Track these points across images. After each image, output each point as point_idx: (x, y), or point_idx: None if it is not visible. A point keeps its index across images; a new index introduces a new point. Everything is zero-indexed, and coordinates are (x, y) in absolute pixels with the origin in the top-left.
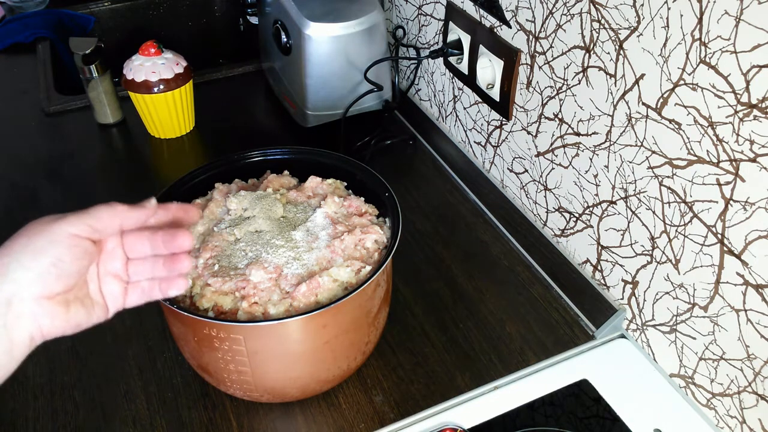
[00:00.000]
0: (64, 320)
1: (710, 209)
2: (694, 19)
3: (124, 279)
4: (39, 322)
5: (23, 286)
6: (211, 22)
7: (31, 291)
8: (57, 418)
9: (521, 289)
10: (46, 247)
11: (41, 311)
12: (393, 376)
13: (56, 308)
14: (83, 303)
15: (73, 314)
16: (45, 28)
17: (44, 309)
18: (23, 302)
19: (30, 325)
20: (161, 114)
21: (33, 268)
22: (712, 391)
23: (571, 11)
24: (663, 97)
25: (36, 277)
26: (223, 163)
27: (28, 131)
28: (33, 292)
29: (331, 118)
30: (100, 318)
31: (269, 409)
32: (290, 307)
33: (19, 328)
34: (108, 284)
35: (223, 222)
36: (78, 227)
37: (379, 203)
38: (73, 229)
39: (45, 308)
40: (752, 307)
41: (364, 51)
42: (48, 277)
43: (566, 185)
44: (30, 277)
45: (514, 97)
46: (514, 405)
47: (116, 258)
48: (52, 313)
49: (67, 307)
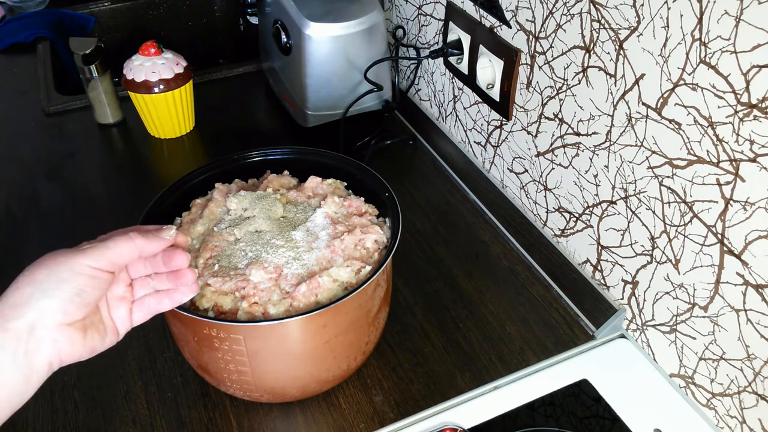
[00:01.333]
0: (82, 345)
1: (710, 209)
2: (694, 19)
3: (129, 299)
4: (59, 348)
5: (47, 313)
6: (211, 22)
7: (54, 318)
8: (57, 418)
9: (521, 289)
10: (70, 278)
11: (62, 337)
12: (393, 376)
13: (75, 334)
14: (98, 329)
15: (89, 339)
16: (45, 28)
17: (64, 335)
18: (46, 329)
19: (50, 351)
20: (161, 114)
21: (57, 297)
22: (712, 391)
23: (571, 11)
24: (663, 97)
25: (59, 305)
26: (223, 163)
27: (28, 131)
28: (56, 320)
29: (331, 118)
30: (112, 341)
31: (269, 409)
32: (290, 307)
33: (40, 354)
34: (116, 308)
35: (223, 222)
36: (100, 262)
37: (379, 203)
38: (95, 264)
39: (65, 334)
40: (752, 307)
41: (364, 51)
42: (70, 306)
43: (566, 185)
44: (54, 305)
45: (514, 97)
46: (514, 405)
47: (121, 281)
48: (71, 339)
49: (84, 333)
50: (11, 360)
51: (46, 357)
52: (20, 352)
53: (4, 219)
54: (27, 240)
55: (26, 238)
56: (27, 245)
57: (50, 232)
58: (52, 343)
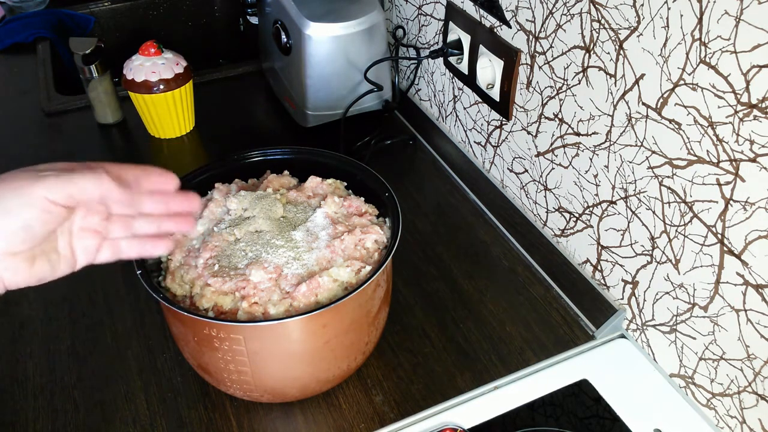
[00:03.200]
0: (28, 275)
1: (710, 209)
2: (694, 19)
3: (102, 234)
4: (1, 276)
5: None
6: (211, 22)
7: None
8: (57, 418)
9: (521, 289)
10: (18, 209)
11: (3, 266)
12: (393, 376)
13: (20, 264)
14: (49, 258)
15: (37, 269)
16: (45, 28)
17: (7, 264)
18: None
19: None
20: (161, 114)
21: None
22: (712, 391)
23: (571, 11)
24: (663, 97)
25: (3, 234)
26: (223, 163)
27: (28, 131)
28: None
29: (331, 118)
30: (65, 271)
31: (269, 409)
32: (290, 307)
33: None
34: (83, 239)
35: (223, 222)
36: (57, 194)
37: (379, 203)
38: (51, 196)
39: (8, 263)
40: (752, 307)
41: (364, 51)
42: (14, 238)
43: (566, 185)
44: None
45: (514, 97)
46: (514, 405)
47: (97, 213)
48: (15, 268)
49: (31, 263)
50: None
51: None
52: None
53: None
54: None
55: None
56: None
57: None
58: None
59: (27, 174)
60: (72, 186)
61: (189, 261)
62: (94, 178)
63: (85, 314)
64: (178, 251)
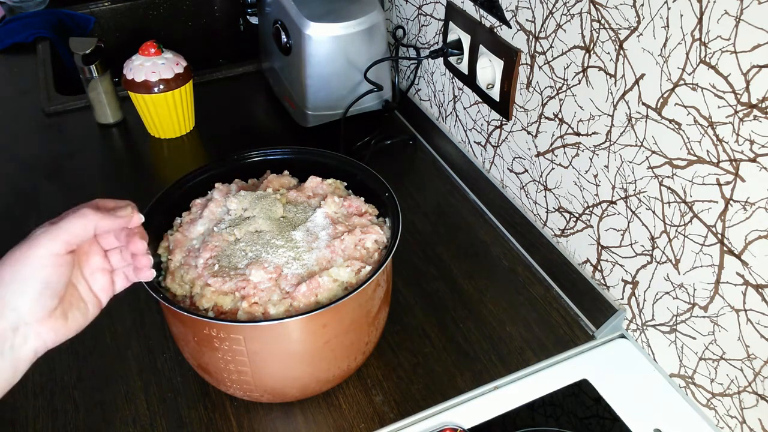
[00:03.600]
0: (65, 330)
1: (710, 209)
2: (694, 19)
3: (108, 269)
4: (44, 339)
5: (24, 312)
6: (211, 22)
7: (33, 315)
8: (57, 418)
9: (521, 289)
10: (33, 273)
11: (45, 329)
12: (393, 376)
13: (57, 322)
14: (78, 307)
15: (72, 321)
16: (45, 28)
17: (47, 327)
18: (28, 326)
19: (35, 343)
20: (161, 114)
21: (27, 294)
22: (712, 391)
23: (571, 11)
24: (663, 97)
25: (32, 301)
26: (223, 163)
27: (28, 131)
28: (34, 316)
29: (331, 118)
30: (95, 313)
31: (269, 409)
32: (290, 307)
33: (26, 347)
34: (96, 280)
35: (223, 222)
36: (55, 247)
37: (379, 203)
38: (52, 250)
39: (47, 326)
40: (752, 307)
41: (364, 51)
42: (43, 299)
43: (566, 185)
44: (28, 303)
45: (514, 97)
46: (514, 405)
47: (96, 253)
48: (54, 328)
49: (65, 319)
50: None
51: (32, 348)
52: (6, 348)
53: (4, 219)
54: None
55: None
56: None
57: None
58: (37, 336)
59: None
60: (63, 233)
61: (189, 261)
62: (78, 217)
63: None
64: (178, 251)
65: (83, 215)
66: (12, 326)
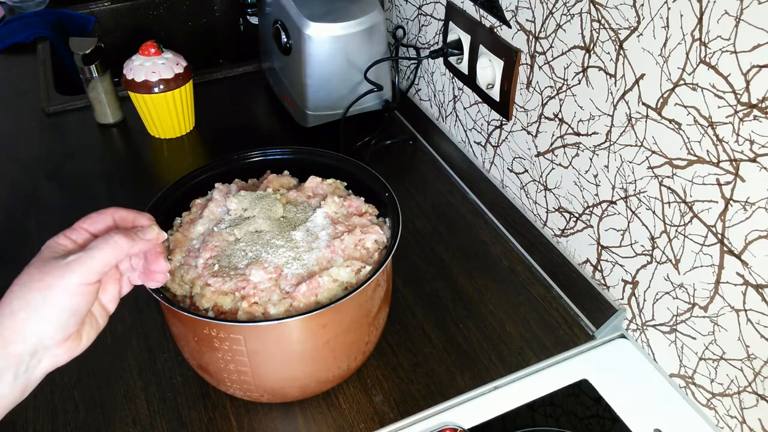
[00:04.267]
0: (78, 348)
1: (710, 209)
2: (694, 19)
3: (118, 278)
4: (57, 359)
5: (46, 336)
6: (211, 22)
7: (54, 339)
8: (57, 418)
9: (521, 289)
10: (64, 300)
11: (60, 351)
12: (393, 376)
13: (73, 343)
14: (91, 324)
15: (85, 339)
16: (45, 28)
17: (63, 348)
18: (46, 349)
19: (49, 364)
20: (161, 114)
21: (54, 321)
22: (712, 391)
23: (571, 11)
24: (663, 97)
25: (57, 327)
26: (223, 163)
27: (28, 131)
28: (55, 340)
29: (331, 118)
30: (105, 324)
31: (269, 409)
32: (290, 307)
33: (40, 369)
34: (108, 292)
35: (223, 222)
36: (90, 277)
37: (379, 203)
38: (84, 280)
39: (63, 347)
40: (752, 307)
41: (364, 51)
42: (68, 326)
43: (566, 185)
44: (52, 329)
45: (514, 97)
46: (514, 405)
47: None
48: (69, 349)
49: (80, 339)
50: (12, 378)
51: (44, 369)
52: (21, 371)
53: (4, 219)
54: (27, 240)
55: (26, 238)
56: (27, 245)
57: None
58: (52, 357)
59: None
60: (96, 263)
61: (189, 261)
62: (110, 246)
63: None
64: (178, 251)
65: (116, 244)
66: (31, 351)
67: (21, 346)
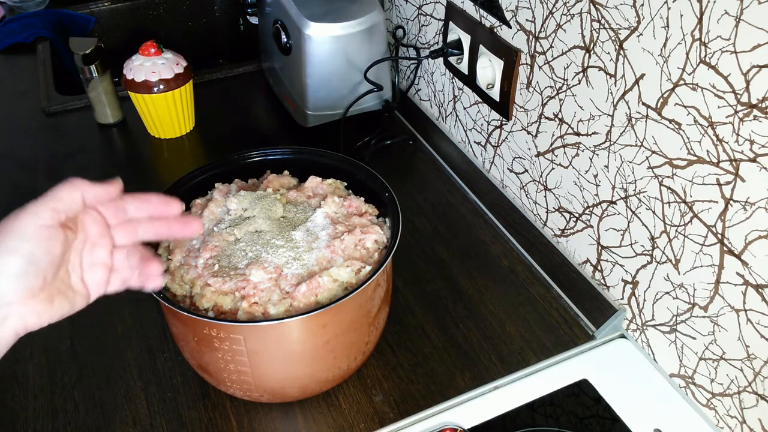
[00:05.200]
0: (49, 315)
1: (710, 209)
2: (694, 19)
3: (109, 266)
4: (25, 320)
5: (6, 291)
6: (211, 22)
7: (15, 295)
8: (57, 418)
9: (521, 289)
10: (18, 247)
11: (27, 311)
12: (393, 376)
13: (41, 305)
14: (66, 295)
15: (57, 308)
16: (45, 28)
17: (30, 308)
18: (9, 305)
19: (16, 323)
20: (161, 114)
21: (9, 272)
22: (712, 391)
23: (571, 11)
24: (663, 97)
25: (15, 279)
26: (223, 163)
27: (28, 131)
28: (16, 296)
29: (331, 118)
30: (81, 305)
31: (269, 409)
32: (290, 307)
33: (6, 328)
34: (94, 273)
35: (223, 222)
36: (42, 216)
37: (379, 203)
38: (39, 220)
39: (30, 307)
40: (752, 307)
41: (364, 51)
42: (27, 277)
43: (566, 185)
44: (10, 282)
45: (514, 97)
46: (514, 405)
47: (103, 246)
48: (38, 311)
49: (51, 303)
50: None
51: (12, 329)
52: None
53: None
54: None
55: None
56: None
57: None
58: (18, 317)
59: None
60: (50, 200)
61: (189, 261)
62: (67, 183)
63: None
64: (178, 251)
65: (71, 183)
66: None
67: None
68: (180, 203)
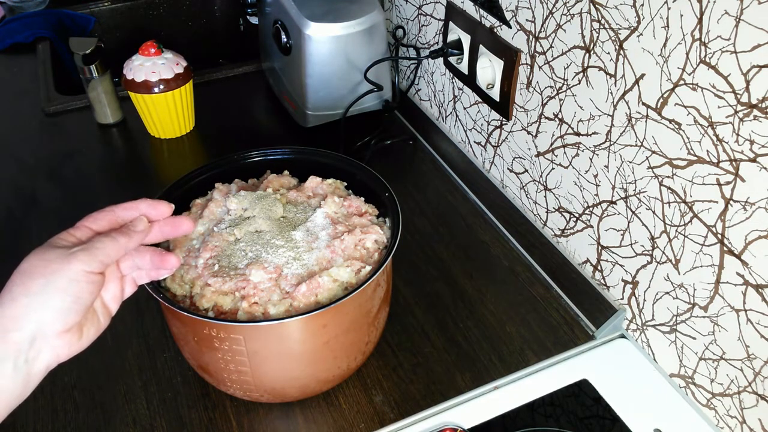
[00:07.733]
0: (79, 344)
1: (710, 209)
2: (694, 19)
3: (119, 276)
4: (57, 353)
5: (45, 324)
6: (211, 22)
7: (53, 328)
8: (57, 418)
9: (521, 289)
10: (67, 287)
11: (60, 343)
12: (393, 376)
13: (73, 337)
14: (92, 321)
15: (86, 336)
16: (45, 28)
17: (63, 341)
18: (45, 339)
19: (49, 356)
20: (161, 114)
21: (55, 308)
22: (712, 391)
23: (571, 11)
24: (663, 97)
25: (58, 315)
26: (223, 163)
27: (28, 131)
28: (54, 329)
29: (331, 118)
30: (107, 323)
31: (269, 409)
32: (290, 307)
33: (40, 360)
34: (109, 290)
35: (223, 222)
36: (93, 266)
37: (379, 203)
38: (88, 268)
39: (63, 340)
40: (752, 307)
41: (364, 51)
42: (69, 314)
43: (566, 185)
44: (52, 316)
45: (514, 97)
46: (514, 405)
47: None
48: (69, 343)
49: (80, 333)
50: (11, 368)
51: (45, 362)
52: (20, 361)
53: (4, 219)
54: (27, 240)
55: (26, 237)
56: (27, 245)
57: (50, 232)
58: (52, 350)
59: (56, 254)
60: (100, 254)
61: (189, 261)
62: (111, 240)
63: None
64: (178, 251)
65: (115, 240)
66: (29, 339)
67: (19, 333)
68: (169, 205)
